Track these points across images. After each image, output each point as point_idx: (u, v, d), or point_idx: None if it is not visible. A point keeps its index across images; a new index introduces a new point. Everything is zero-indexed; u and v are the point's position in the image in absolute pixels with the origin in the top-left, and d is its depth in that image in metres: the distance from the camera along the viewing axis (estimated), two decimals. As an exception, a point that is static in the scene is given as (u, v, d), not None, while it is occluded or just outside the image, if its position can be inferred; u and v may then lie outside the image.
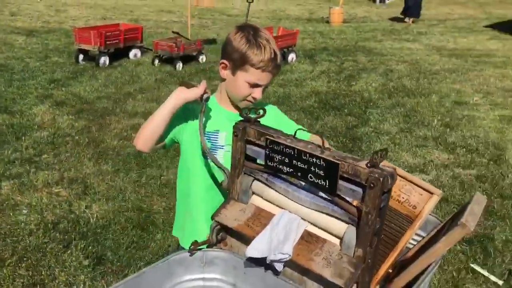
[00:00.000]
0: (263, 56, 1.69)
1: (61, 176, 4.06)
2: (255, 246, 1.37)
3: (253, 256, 1.36)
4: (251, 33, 1.72)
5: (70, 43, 9.38)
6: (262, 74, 1.71)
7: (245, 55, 1.69)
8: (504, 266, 3.09)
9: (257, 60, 1.69)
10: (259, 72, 1.71)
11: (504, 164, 4.59)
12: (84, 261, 2.94)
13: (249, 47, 1.69)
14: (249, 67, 1.70)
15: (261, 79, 1.73)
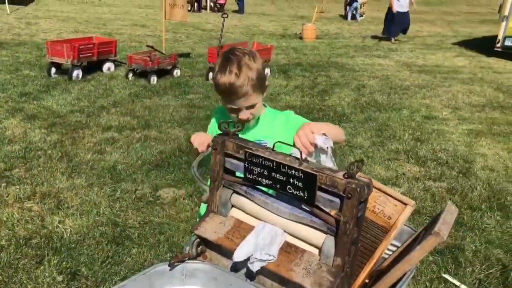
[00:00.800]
0: (217, 82, 1.78)
1: (33, 191, 3.98)
2: (241, 249, 1.39)
3: (239, 259, 1.38)
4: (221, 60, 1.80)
5: (42, 56, 9.26)
6: (226, 97, 1.80)
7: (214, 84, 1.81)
8: (475, 276, 3.17)
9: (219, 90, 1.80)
10: (224, 96, 1.81)
11: (473, 177, 4.73)
12: (58, 276, 2.88)
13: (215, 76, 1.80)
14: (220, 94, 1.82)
15: (234, 104, 1.80)
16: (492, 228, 3.79)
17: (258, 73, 1.79)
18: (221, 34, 8.21)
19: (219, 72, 1.78)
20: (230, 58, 1.78)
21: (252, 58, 1.80)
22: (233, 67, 1.75)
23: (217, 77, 1.79)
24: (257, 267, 1.36)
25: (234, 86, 1.75)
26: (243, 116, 1.84)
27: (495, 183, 4.60)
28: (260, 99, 1.88)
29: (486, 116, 6.87)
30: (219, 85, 1.78)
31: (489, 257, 3.39)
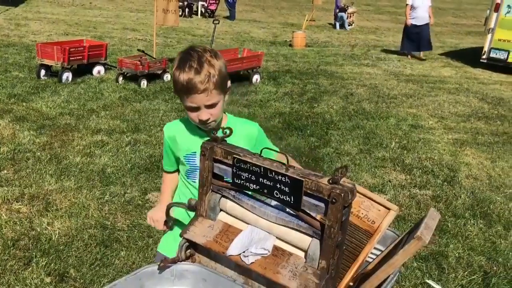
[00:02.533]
0: (176, 79, 1.70)
1: (22, 193, 3.98)
2: (236, 243, 1.44)
3: (234, 253, 1.42)
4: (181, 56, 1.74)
5: (31, 58, 9.23)
6: (184, 96, 1.72)
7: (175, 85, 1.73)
8: (457, 282, 3.25)
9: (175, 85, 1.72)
10: (183, 95, 1.72)
11: (457, 185, 4.82)
12: (46, 278, 2.90)
13: (174, 73, 1.73)
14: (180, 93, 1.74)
15: (194, 102, 1.72)
16: (475, 236, 3.88)
17: (219, 71, 1.72)
18: (212, 40, 8.27)
19: (179, 68, 1.70)
20: (190, 53, 1.71)
21: (214, 56, 1.73)
22: (193, 63, 1.68)
23: (177, 73, 1.70)
24: (252, 260, 1.40)
25: (194, 81, 1.68)
26: (202, 117, 1.75)
27: (478, 192, 4.70)
28: (222, 100, 1.79)
29: (471, 126, 7.00)
30: (178, 82, 1.70)
31: (472, 264, 3.47)
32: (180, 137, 1.87)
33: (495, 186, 4.90)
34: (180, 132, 1.88)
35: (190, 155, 1.85)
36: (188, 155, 1.86)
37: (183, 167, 1.91)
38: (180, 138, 1.87)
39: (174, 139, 1.88)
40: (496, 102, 8.54)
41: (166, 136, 1.91)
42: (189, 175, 1.90)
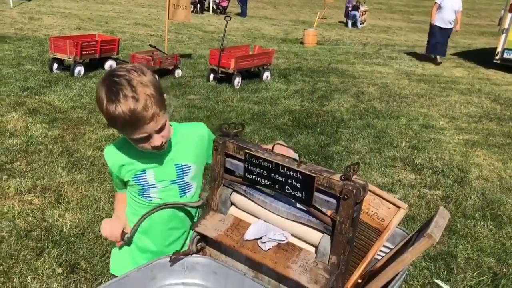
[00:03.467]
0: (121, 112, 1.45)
1: (34, 184, 4.03)
2: (253, 229, 1.45)
3: (251, 238, 1.44)
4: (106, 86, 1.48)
5: (44, 52, 9.31)
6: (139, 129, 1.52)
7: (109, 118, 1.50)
8: (466, 282, 3.24)
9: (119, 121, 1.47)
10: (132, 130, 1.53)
11: (467, 186, 4.80)
12: (58, 269, 2.94)
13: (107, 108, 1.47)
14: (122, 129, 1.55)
15: (143, 132, 1.53)
16: (485, 237, 3.86)
17: (154, 86, 1.51)
18: (223, 36, 8.28)
19: (111, 101, 1.44)
20: (116, 81, 1.46)
21: (141, 72, 1.51)
22: (126, 90, 1.44)
23: (111, 108, 1.44)
24: (269, 246, 1.42)
25: (138, 111, 1.45)
26: (156, 143, 1.57)
27: (489, 193, 4.67)
28: (167, 116, 1.60)
29: (483, 127, 6.95)
30: (118, 117, 1.45)
31: (481, 265, 3.46)
32: (125, 162, 1.71)
33: (506, 187, 4.87)
34: (123, 157, 1.71)
35: (139, 175, 1.71)
36: (136, 175, 1.72)
37: (134, 188, 1.76)
38: (126, 163, 1.71)
39: (119, 166, 1.72)
40: (508, 103, 8.47)
41: (110, 164, 1.74)
42: (143, 194, 1.76)
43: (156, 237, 1.81)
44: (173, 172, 1.74)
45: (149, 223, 1.78)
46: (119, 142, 1.75)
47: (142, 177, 1.71)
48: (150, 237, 1.82)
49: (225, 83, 7.99)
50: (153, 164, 1.71)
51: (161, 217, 1.77)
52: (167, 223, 1.80)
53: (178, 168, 1.75)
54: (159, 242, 1.82)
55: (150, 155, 1.67)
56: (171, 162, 1.73)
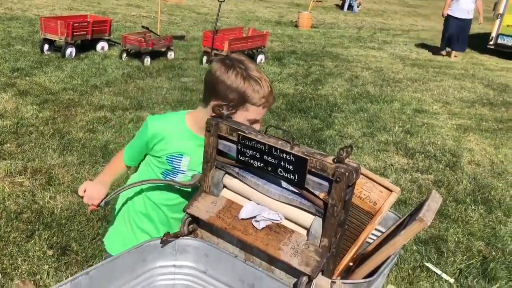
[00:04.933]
0: (263, 92, 1.61)
1: (25, 166, 4.00)
2: (248, 208, 1.45)
3: (246, 217, 1.44)
4: (243, 68, 1.60)
5: (35, 32, 9.16)
6: (263, 110, 1.66)
7: (245, 94, 1.59)
8: (456, 266, 3.27)
9: (258, 97, 1.61)
10: (260, 109, 1.64)
11: (459, 171, 4.82)
12: (48, 251, 2.93)
13: (248, 86, 1.59)
14: (250, 106, 1.62)
15: (261, 114, 1.67)
16: (475, 221, 3.90)
17: None
18: (217, 18, 8.18)
19: (260, 80, 1.61)
20: (249, 66, 1.63)
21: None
22: (261, 73, 1.63)
23: (260, 83, 1.61)
24: (263, 225, 1.42)
25: (272, 94, 1.67)
26: (257, 128, 1.64)
27: (480, 178, 4.70)
28: None
29: (476, 112, 6.97)
30: (265, 93, 1.62)
31: (471, 248, 3.49)
32: (168, 137, 1.72)
33: (497, 172, 4.90)
34: (169, 131, 1.72)
35: (176, 157, 1.73)
36: (173, 156, 1.72)
37: (160, 166, 1.76)
38: (169, 138, 1.72)
39: (160, 138, 1.72)
40: (501, 88, 8.49)
41: (152, 132, 1.72)
42: (168, 176, 1.76)
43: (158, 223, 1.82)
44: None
45: (152, 207, 1.79)
46: (169, 117, 1.79)
47: (178, 159, 1.72)
48: (151, 221, 1.82)
49: (218, 66, 7.92)
50: (193, 151, 1.70)
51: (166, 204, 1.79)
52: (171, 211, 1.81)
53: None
54: (161, 229, 1.82)
55: (192, 143, 1.70)
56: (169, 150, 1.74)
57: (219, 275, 1.50)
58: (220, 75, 1.60)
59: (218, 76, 1.60)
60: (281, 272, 1.42)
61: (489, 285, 3.12)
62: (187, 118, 1.76)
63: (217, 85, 1.61)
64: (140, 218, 1.86)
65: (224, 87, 1.59)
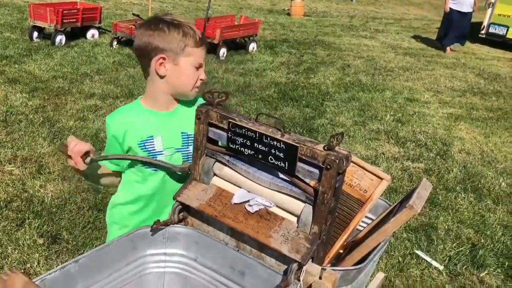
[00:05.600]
0: (194, 33, 1.64)
1: (14, 155, 3.96)
2: (241, 193, 1.45)
3: (238, 201, 1.44)
4: (169, 18, 1.65)
5: (23, 19, 9.04)
6: (202, 51, 1.67)
7: (182, 39, 1.61)
8: (445, 253, 3.30)
9: (194, 39, 1.62)
10: (200, 50, 1.65)
11: (450, 159, 4.85)
12: (39, 239, 2.91)
13: (182, 31, 1.61)
14: (190, 49, 1.62)
15: (202, 56, 1.68)
16: (465, 209, 3.93)
17: None
18: (209, 6, 8.11)
19: (184, 24, 1.64)
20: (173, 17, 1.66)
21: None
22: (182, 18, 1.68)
23: (186, 28, 1.63)
24: (256, 209, 1.42)
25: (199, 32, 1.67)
26: (203, 75, 1.69)
27: (470, 166, 4.74)
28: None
29: (467, 101, 7.00)
30: (196, 34, 1.64)
31: (460, 236, 3.53)
32: (130, 128, 1.68)
33: (487, 161, 4.94)
34: (128, 123, 1.68)
35: (146, 141, 1.68)
36: (143, 141, 1.68)
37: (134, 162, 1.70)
38: (131, 129, 1.68)
39: (123, 132, 1.67)
40: (492, 78, 8.52)
41: (113, 132, 1.68)
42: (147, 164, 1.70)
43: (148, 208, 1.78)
44: (179, 139, 1.71)
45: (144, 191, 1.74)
46: (122, 110, 1.73)
47: (150, 143, 1.68)
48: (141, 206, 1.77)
49: (210, 54, 7.88)
50: (160, 130, 1.68)
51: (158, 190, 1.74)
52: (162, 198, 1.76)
53: (184, 137, 1.72)
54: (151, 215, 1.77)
55: (157, 121, 1.68)
56: (177, 129, 1.70)
57: (209, 262, 1.50)
58: (157, 30, 1.61)
59: (154, 32, 1.61)
60: (272, 259, 1.43)
61: (478, 271, 3.15)
62: (142, 100, 1.74)
63: (155, 40, 1.60)
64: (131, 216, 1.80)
65: (162, 39, 1.60)
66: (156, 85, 1.66)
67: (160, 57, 1.60)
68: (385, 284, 2.87)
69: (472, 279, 3.08)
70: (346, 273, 1.42)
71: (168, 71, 1.63)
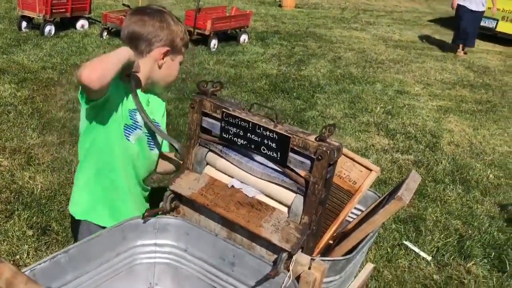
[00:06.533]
0: (187, 34, 1.81)
1: (3, 146, 3.93)
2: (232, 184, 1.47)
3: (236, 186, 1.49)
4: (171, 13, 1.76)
5: (12, 9, 8.92)
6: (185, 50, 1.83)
7: (183, 38, 1.76)
8: (433, 244, 3.34)
9: (187, 39, 1.80)
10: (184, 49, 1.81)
11: (439, 151, 4.89)
12: (28, 231, 2.90)
13: (183, 30, 1.77)
14: (183, 49, 1.79)
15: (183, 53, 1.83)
16: (453, 200, 3.97)
17: None
18: None
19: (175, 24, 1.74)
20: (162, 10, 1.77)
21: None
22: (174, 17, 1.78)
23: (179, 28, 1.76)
24: (253, 194, 1.45)
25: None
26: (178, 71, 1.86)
27: (459, 158, 4.78)
28: None
29: (456, 93, 7.04)
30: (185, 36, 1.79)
31: (448, 227, 3.57)
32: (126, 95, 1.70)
33: (475, 153, 4.99)
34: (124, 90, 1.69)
35: (134, 111, 1.70)
36: (131, 111, 1.70)
37: (119, 122, 1.68)
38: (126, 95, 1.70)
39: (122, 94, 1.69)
40: (481, 70, 8.58)
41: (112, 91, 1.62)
42: (128, 132, 1.71)
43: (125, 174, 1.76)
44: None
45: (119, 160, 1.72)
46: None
47: (136, 115, 1.71)
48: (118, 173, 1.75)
49: (201, 45, 7.84)
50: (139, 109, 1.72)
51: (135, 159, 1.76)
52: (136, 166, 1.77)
53: (155, 123, 1.78)
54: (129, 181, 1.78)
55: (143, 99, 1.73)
56: (150, 114, 1.72)
57: (200, 253, 1.51)
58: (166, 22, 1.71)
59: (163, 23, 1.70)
60: (262, 249, 1.44)
61: (464, 262, 3.19)
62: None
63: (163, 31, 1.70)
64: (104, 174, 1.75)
65: (168, 32, 1.70)
66: (147, 69, 1.73)
67: (166, 49, 1.71)
68: (373, 275, 2.90)
69: (459, 269, 3.13)
70: (335, 264, 1.44)
71: (165, 64, 1.74)
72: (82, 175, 1.78)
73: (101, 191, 1.75)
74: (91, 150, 1.73)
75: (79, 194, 1.81)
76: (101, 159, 1.73)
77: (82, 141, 1.75)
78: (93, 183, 1.75)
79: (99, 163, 1.73)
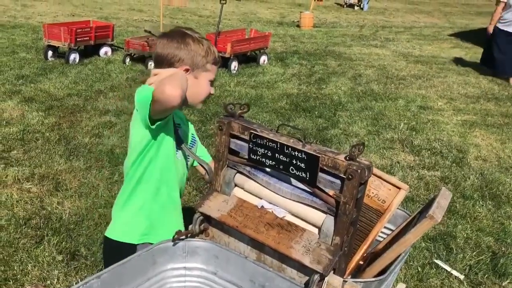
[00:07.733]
0: (214, 50, 1.82)
1: (32, 172, 4.01)
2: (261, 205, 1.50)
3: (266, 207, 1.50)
4: (195, 34, 1.81)
5: (38, 39, 9.20)
6: (216, 68, 1.84)
7: (205, 55, 1.77)
8: (465, 262, 3.25)
9: (214, 56, 1.81)
10: (215, 67, 1.82)
11: (466, 167, 4.80)
12: (58, 256, 2.93)
13: (206, 48, 1.78)
14: (209, 65, 1.79)
15: (216, 72, 1.86)
16: (484, 217, 3.87)
17: None
18: (219, 20, 8.19)
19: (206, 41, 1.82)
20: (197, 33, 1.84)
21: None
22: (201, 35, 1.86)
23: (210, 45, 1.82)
24: (283, 214, 1.46)
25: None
26: (213, 90, 1.86)
27: (487, 173, 4.67)
28: None
29: (481, 107, 6.93)
30: (216, 53, 1.83)
31: (480, 244, 3.47)
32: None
33: (504, 167, 4.87)
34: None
35: (178, 125, 1.84)
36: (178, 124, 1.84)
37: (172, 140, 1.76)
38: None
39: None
40: (506, 83, 8.43)
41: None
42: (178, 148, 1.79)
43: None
44: (189, 139, 1.92)
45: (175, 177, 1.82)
46: None
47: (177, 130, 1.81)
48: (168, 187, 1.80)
49: (221, 68, 7.93)
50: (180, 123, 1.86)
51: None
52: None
53: (193, 139, 1.93)
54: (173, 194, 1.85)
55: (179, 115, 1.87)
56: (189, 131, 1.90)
57: (229, 276, 1.50)
58: (183, 42, 1.75)
59: (180, 44, 1.75)
60: (293, 270, 1.42)
61: (499, 280, 3.09)
62: None
63: (180, 52, 1.74)
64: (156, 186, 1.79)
65: (187, 51, 1.74)
66: None
67: (185, 68, 1.74)
68: (405, 295, 2.83)
69: (495, 288, 3.03)
70: (367, 285, 1.41)
71: (189, 81, 1.72)
72: (138, 198, 1.78)
73: (160, 210, 1.80)
74: (149, 170, 1.74)
75: (136, 220, 1.79)
76: (162, 178, 1.76)
77: (137, 164, 1.74)
78: (152, 204, 1.78)
79: (159, 182, 1.76)
